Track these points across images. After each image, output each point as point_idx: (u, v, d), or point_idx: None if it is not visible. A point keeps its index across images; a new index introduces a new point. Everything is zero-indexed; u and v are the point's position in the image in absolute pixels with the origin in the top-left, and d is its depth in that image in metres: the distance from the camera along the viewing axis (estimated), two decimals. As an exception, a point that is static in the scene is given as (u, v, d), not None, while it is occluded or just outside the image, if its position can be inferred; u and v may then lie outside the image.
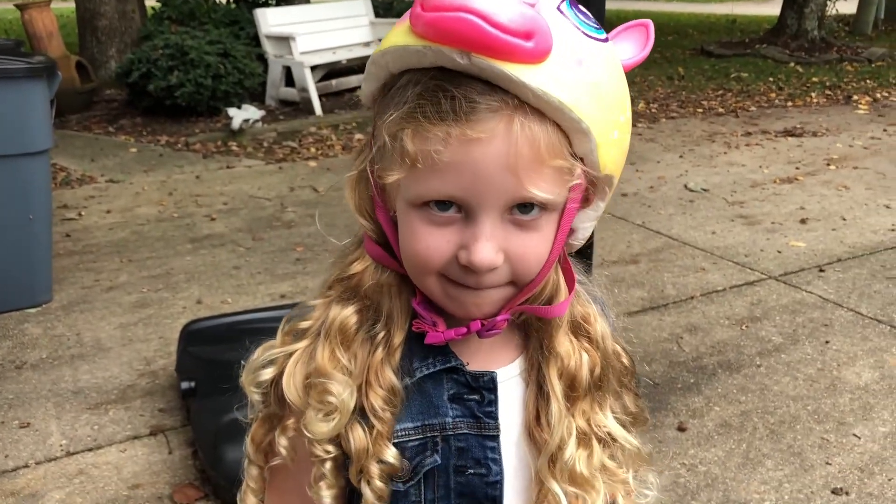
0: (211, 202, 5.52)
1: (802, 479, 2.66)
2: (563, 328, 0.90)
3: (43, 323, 3.75)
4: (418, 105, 0.75)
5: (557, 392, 0.88)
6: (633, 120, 5.33)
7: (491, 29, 0.70)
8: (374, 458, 0.84)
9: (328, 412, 0.83)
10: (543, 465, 0.88)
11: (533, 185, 0.75)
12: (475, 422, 0.88)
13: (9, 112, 3.62)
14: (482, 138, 0.73)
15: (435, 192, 0.76)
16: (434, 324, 0.84)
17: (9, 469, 2.71)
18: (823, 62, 11.42)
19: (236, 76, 7.79)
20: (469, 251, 0.77)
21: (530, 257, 0.80)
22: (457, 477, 0.88)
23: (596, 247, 3.76)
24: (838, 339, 3.59)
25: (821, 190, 5.80)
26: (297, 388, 0.86)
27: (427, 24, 0.72)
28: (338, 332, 0.85)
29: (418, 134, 0.75)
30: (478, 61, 0.72)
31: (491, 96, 0.73)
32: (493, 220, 0.77)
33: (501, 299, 0.83)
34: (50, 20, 8.05)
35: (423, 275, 0.82)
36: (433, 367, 0.87)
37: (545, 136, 0.75)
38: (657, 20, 17.47)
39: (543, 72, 0.73)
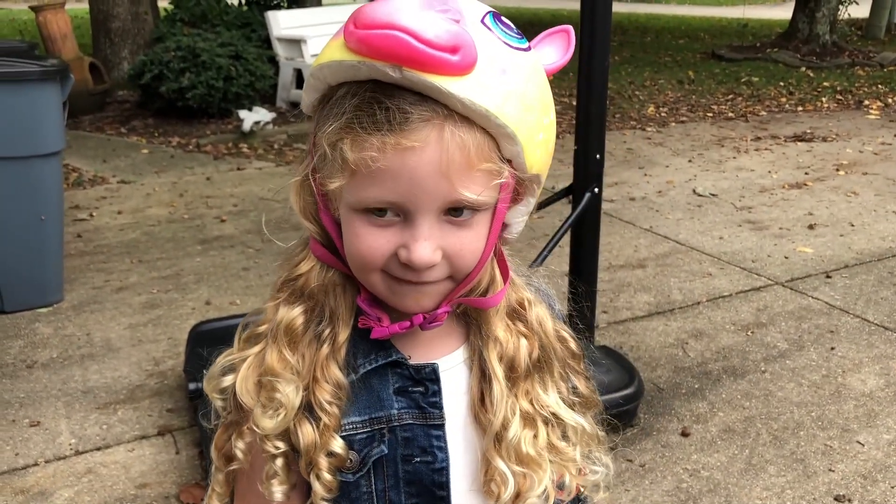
0: (221, 204, 5.57)
1: (805, 486, 2.67)
2: (499, 314, 0.95)
3: (54, 323, 3.80)
4: (355, 116, 0.80)
5: (498, 374, 0.93)
6: (643, 123, 5.37)
7: (419, 45, 0.75)
8: (322, 450, 0.88)
9: (275, 408, 0.88)
10: (490, 445, 0.93)
11: (464, 187, 0.80)
12: (420, 412, 0.93)
13: (22, 114, 3.66)
14: (416, 146, 0.78)
15: (373, 199, 0.81)
16: (379, 319, 0.89)
17: (19, 467, 2.75)
18: (835, 66, 11.39)
19: (247, 78, 7.83)
20: (409, 250, 0.82)
21: (466, 253, 0.85)
22: (404, 466, 0.92)
23: (602, 251, 3.77)
24: (844, 345, 3.59)
25: (829, 196, 5.79)
26: (248, 390, 0.90)
27: (359, 41, 0.77)
28: (285, 333, 0.90)
29: (356, 143, 0.79)
30: (409, 74, 0.77)
31: (423, 107, 0.78)
32: (430, 221, 0.82)
33: (441, 293, 0.88)
34: (64, 22, 8.12)
35: (367, 272, 0.86)
36: (376, 362, 0.92)
37: (474, 142, 0.80)
38: (668, 24, 17.50)
39: (469, 82, 0.78)
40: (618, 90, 9.70)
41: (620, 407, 2.91)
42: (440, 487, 0.93)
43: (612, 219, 5.21)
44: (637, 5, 21.15)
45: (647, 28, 16.85)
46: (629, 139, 7.54)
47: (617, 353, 3.24)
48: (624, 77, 10.65)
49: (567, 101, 8.72)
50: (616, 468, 2.72)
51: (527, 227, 0.96)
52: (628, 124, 8.16)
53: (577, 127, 3.11)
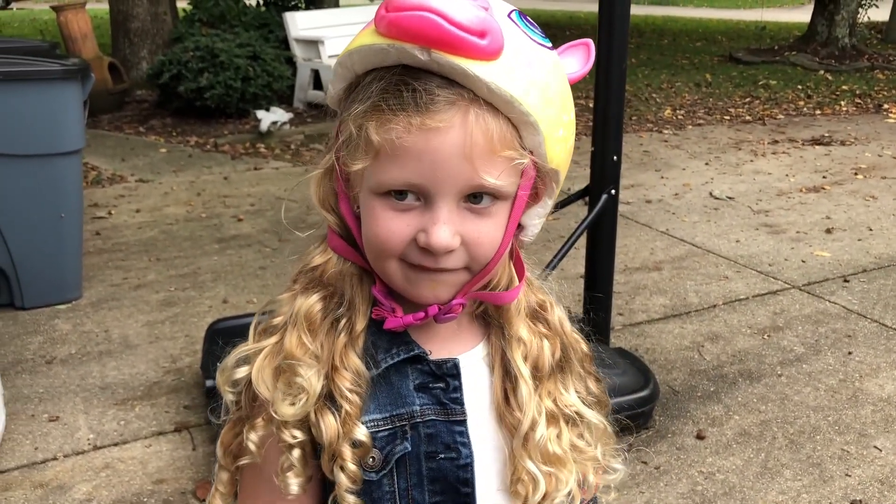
0: (238, 203, 5.60)
1: (821, 490, 2.66)
2: (521, 315, 0.96)
3: (72, 319, 3.83)
4: (382, 98, 0.81)
5: (525, 374, 0.94)
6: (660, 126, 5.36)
7: (449, 26, 0.77)
8: (345, 439, 0.87)
9: (296, 394, 0.87)
10: (518, 446, 0.93)
11: (486, 172, 0.81)
12: (442, 408, 0.92)
13: (43, 113, 3.70)
14: (440, 127, 0.79)
15: (396, 180, 0.82)
16: (393, 310, 0.89)
17: (38, 461, 2.78)
18: (854, 70, 11.32)
19: (265, 79, 7.88)
20: (427, 234, 0.82)
21: (484, 241, 0.85)
22: (428, 463, 0.91)
23: (618, 253, 3.77)
24: (861, 350, 3.57)
25: (847, 200, 5.75)
26: (265, 380, 0.89)
27: (390, 23, 0.79)
28: (304, 320, 0.89)
29: (382, 124, 0.81)
30: (437, 57, 0.78)
31: (449, 89, 0.80)
32: (450, 205, 0.82)
33: (457, 284, 0.88)
34: (85, 22, 8.19)
35: (384, 259, 0.86)
36: (397, 356, 0.91)
37: (497, 128, 0.81)
38: (686, 26, 17.44)
39: (496, 68, 0.80)
40: (635, 92, 9.68)
41: (636, 409, 2.91)
42: (465, 484, 0.92)
43: (628, 221, 5.20)
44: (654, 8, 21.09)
45: (664, 31, 16.79)
46: (646, 142, 7.53)
47: (632, 356, 3.23)
48: (641, 79, 10.63)
49: (584, 102, 8.71)
50: (631, 470, 2.73)
51: (542, 229, 0.97)
52: (645, 127, 8.14)
53: (594, 129, 3.11)
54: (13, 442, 2.87)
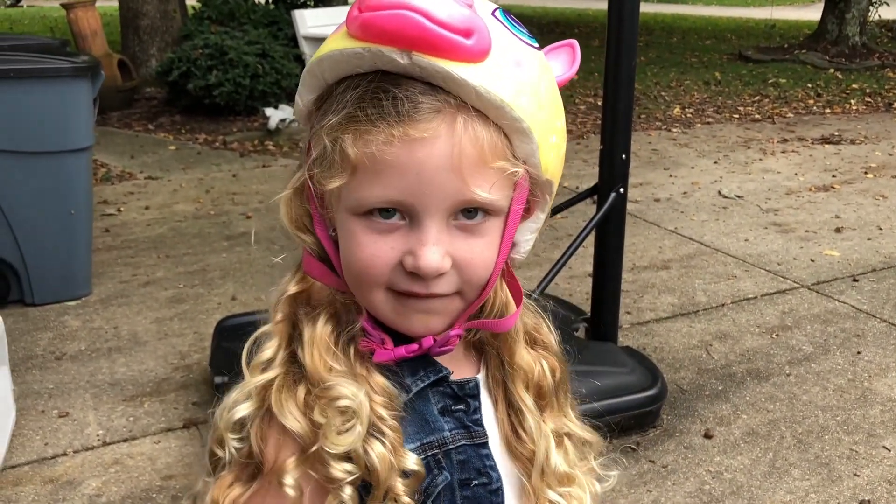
0: (247, 200, 5.61)
1: (829, 490, 2.65)
2: (519, 342, 0.90)
3: (82, 316, 3.85)
4: (359, 108, 0.74)
5: (529, 405, 0.89)
6: (668, 124, 5.36)
7: (432, 25, 0.70)
8: (396, 471, 0.78)
9: (347, 419, 0.76)
10: (537, 478, 0.89)
11: (477, 186, 0.74)
12: (466, 432, 0.85)
13: (54, 110, 3.71)
14: (426, 138, 0.72)
15: (378, 198, 0.74)
16: (382, 341, 0.81)
17: (48, 457, 2.79)
18: (864, 68, 11.27)
19: (274, 76, 7.89)
20: (415, 256, 0.75)
21: (477, 263, 0.78)
22: (462, 491, 0.84)
23: (626, 251, 3.76)
24: (871, 349, 3.56)
25: (857, 199, 5.73)
26: (293, 414, 0.77)
27: (365, 24, 0.71)
28: (320, 345, 0.80)
29: (359, 137, 0.73)
30: (419, 60, 0.71)
31: (433, 95, 0.73)
32: (439, 224, 0.75)
33: (451, 313, 0.81)
34: (94, 19, 8.22)
35: (369, 288, 0.79)
36: (426, 378, 0.84)
37: (488, 136, 0.74)
38: (695, 24, 17.38)
39: (484, 70, 0.73)
40: (643, 91, 9.65)
41: (643, 408, 2.91)
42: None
43: (636, 219, 5.19)
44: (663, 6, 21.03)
45: (673, 28, 16.75)
46: (654, 140, 7.51)
47: (640, 354, 3.23)
48: (650, 78, 10.60)
49: (592, 101, 8.70)
50: (638, 469, 2.73)
51: (550, 227, 0.95)
52: (654, 125, 8.12)
53: (602, 127, 3.11)
54: (23, 437, 2.89)
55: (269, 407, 0.79)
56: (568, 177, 6.04)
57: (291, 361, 0.81)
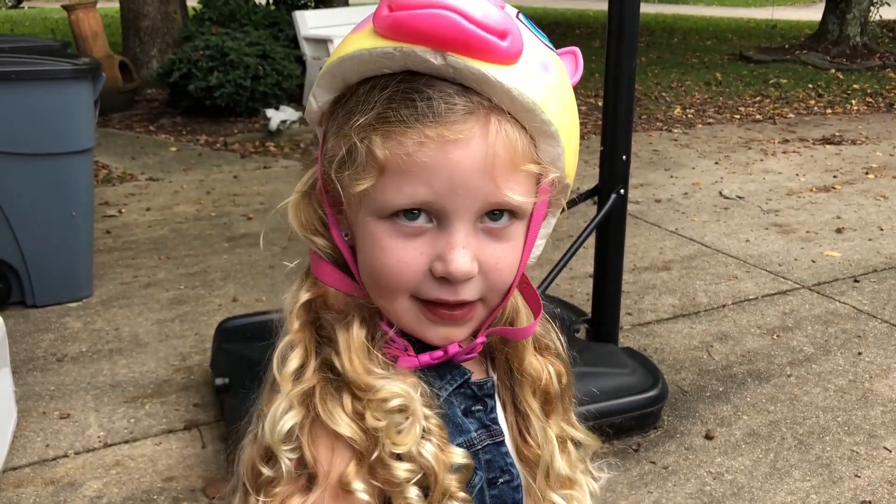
0: (248, 202, 5.61)
1: (830, 491, 2.65)
2: (529, 348, 0.90)
3: (83, 317, 3.85)
4: (390, 108, 0.72)
5: (536, 410, 0.90)
6: (669, 125, 5.37)
7: (469, 25, 0.68)
8: (447, 467, 0.77)
9: (404, 416, 0.75)
10: (541, 481, 0.90)
11: (509, 188, 0.73)
12: (487, 431, 0.86)
13: (55, 112, 3.72)
14: (460, 139, 0.71)
15: (407, 199, 0.73)
16: (405, 349, 0.80)
17: (49, 458, 2.80)
18: (865, 69, 11.27)
19: (275, 77, 7.90)
20: (445, 261, 0.73)
21: (503, 267, 0.77)
22: (490, 490, 0.85)
23: (627, 252, 3.76)
24: (872, 350, 3.55)
25: (858, 199, 5.73)
26: (344, 421, 0.75)
27: (399, 23, 0.70)
28: (359, 350, 0.78)
29: (390, 138, 0.72)
30: (453, 61, 0.70)
31: (466, 97, 0.71)
32: (467, 227, 0.74)
33: (472, 322, 0.80)
34: (95, 21, 8.23)
35: (394, 295, 0.77)
36: (454, 382, 0.84)
37: (519, 139, 0.74)
38: (696, 25, 17.38)
39: (516, 73, 0.72)
40: (644, 91, 9.66)
41: (644, 409, 2.91)
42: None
43: (637, 220, 5.19)
44: (664, 6, 21.03)
45: (674, 29, 16.75)
46: (655, 141, 7.51)
47: (641, 355, 3.23)
48: (651, 78, 10.60)
49: (593, 101, 8.70)
50: (639, 470, 2.73)
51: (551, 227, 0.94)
52: (655, 126, 8.12)
53: (603, 127, 3.11)
54: (25, 439, 2.89)
55: (317, 415, 0.76)
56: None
57: (325, 368, 0.79)
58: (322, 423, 0.76)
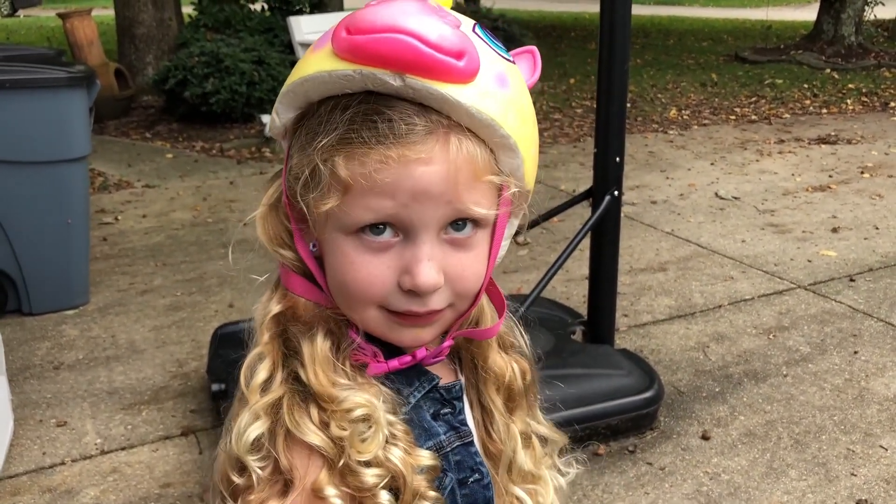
0: (244, 208, 5.61)
1: (827, 490, 2.66)
2: (493, 347, 0.93)
3: (80, 325, 3.85)
4: (351, 129, 0.74)
5: (499, 406, 0.93)
6: (665, 126, 5.41)
7: (426, 48, 0.71)
8: (415, 470, 0.80)
9: (367, 425, 0.78)
10: (503, 475, 0.93)
11: (472, 200, 0.76)
12: (456, 433, 0.88)
13: (50, 120, 3.72)
14: (421, 158, 0.73)
15: (372, 215, 0.75)
16: (375, 354, 0.83)
17: (46, 466, 2.80)
18: (860, 68, 11.28)
19: (270, 83, 7.90)
20: (412, 274, 0.76)
21: (469, 276, 0.80)
22: (461, 490, 0.88)
23: (623, 254, 3.77)
24: (867, 349, 3.56)
25: (854, 199, 5.74)
26: (312, 431, 0.77)
27: (357, 47, 0.72)
28: (323, 362, 0.80)
29: (353, 158, 0.74)
30: (412, 82, 0.72)
31: (425, 117, 0.74)
32: (432, 240, 0.77)
33: (441, 325, 0.83)
34: (91, 29, 8.24)
35: (362, 307, 0.79)
36: (422, 389, 0.86)
37: (479, 154, 0.76)
38: (692, 26, 17.41)
39: (473, 90, 0.74)
40: (640, 93, 9.67)
41: (640, 410, 2.92)
42: (489, 503, 0.91)
43: (633, 222, 5.20)
44: (659, 7, 21.06)
45: (669, 30, 16.78)
46: (651, 142, 7.52)
47: (637, 357, 3.24)
48: (646, 80, 10.62)
49: (589, 104, 8.71)
50: (636, 471, 2.73)
51: (546, 231, 0.96)
52: (650, 127, 8.13)
53: (596, 130, 3.12)
54: (21, 447, 2.89)
55: (285, 425, 0.78)
56: (565, 180, 6.06)
57: (292, 380, 0.80)
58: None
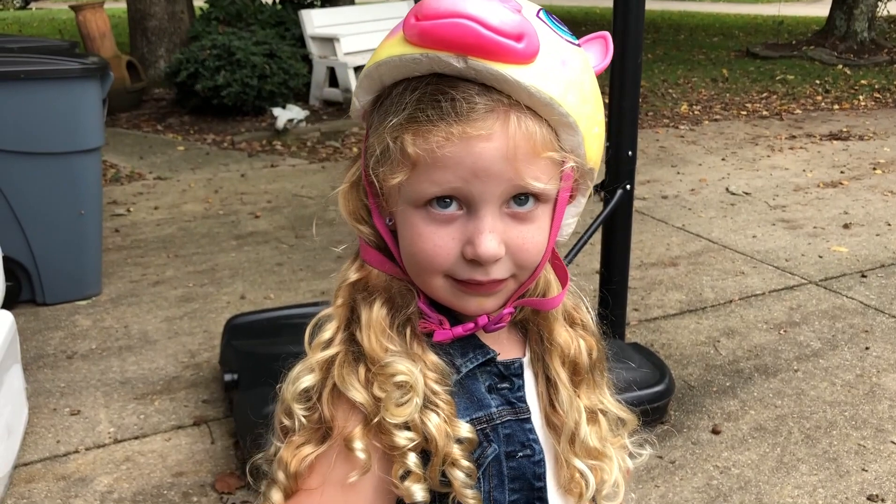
0: (255, 200, 5.64)
1: (837, 485, 2.66)
2: (559, 320, 0.96)
3: (92, 315, 3.88)
4: (418, 109, 0.80)
5: (563, 379, 0.95)
6: (676, 121, 5.39)
7: (486, 32, 0.75)
8: (452, 439, 0.84)
9: (403, 392, 0.83)
10: (565, 447, 0.95)
11: (531, 175, 0.81)
12: (511, 408, 0.92)
13: (63, 111, 3.74)
14: (482, 135, 0.78)
15: (437, 188, 0.81)
16: (440, 322, 0.88)
17: (60, 454, 2.82)
18: (873, 64, 11.22)
19: (281, 76, 7.91)
20: (474, 245, 0.81)
21: (530, 247, 0.85)
22: (508, 462, 0.91)
23: (634, 248, 3.77)
24: (879, 345, 3.55)
25: (865, 195, 5.72)
26: (356, 388, 0.84)
27: (423, 32, 0.77)
28: (376, 327, 0.86)
29: (419, 135, 0.80)
30: (474, 64, 0.77)
31: (487, 96, 0.79)
32: (493, 212, 0.81)
33: (504, 294, 0.87)
34: (103, 21, 8.27)
35: (430, 275, 0.85)
36: (476, 360, 0.90)
37: (538, 131, 0.81)
38: (703, 21, 17.34)
39: (533, 71, 0.78)
40: (651, 88, 9.65)
41: (651, 404, 2.92)
42: (539, 479, 0.93)
43: (644, 217, 5.19)
44: (671, 3, 20.96)
45: (680, 26, 16.71)
46: (662, 137, 7.51)
47: (648, 351, 3.24)
48: (657, 75, 10.59)
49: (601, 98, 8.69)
50: (646, 464, 2.73)
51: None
52: (661, 122, 8.12)
53: (608, 124, 3.12)
54: (36, 435, 2.92)
55: (333, 381, 0.86)
56: (575, 174, 6.04)
57: (350, 341, 0.88)
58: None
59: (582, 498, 0.95)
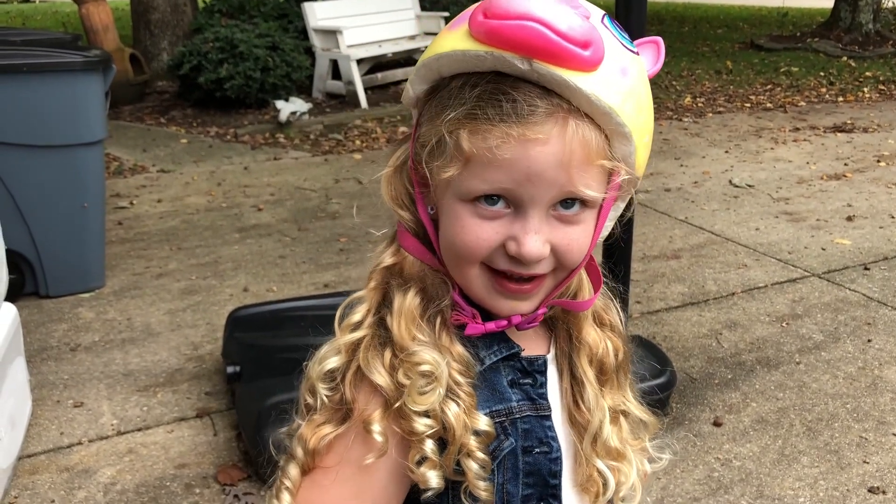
0: (258, 193, 5.64)
1: (839, 477, 2.66)
2: (588, 320, 0.97)
3: (96, 307, 3.89)
4: (478, 106, 0.79)
5: (590, 377, 0.96)
6: (679, 114, 5.40)
7: (554, 37, 0.75)
8: (469, 430, 0.85)
9: (427, 381, 0.84)
10: (587, 445, 0.96)
11: (582, 182, 0.81)
12: (532, 404, 0.93)
13: (66, 103, 3.75)
14: (539, 139, 0.78)
15: (488, 186, 0.81)
16: (473, 316, 0.89)
17: (64, 446, 2.83)
18: (877, 56, 11.19)
19: (284, 69, 7.91)
20: (519, 243, 0.82)
21: (574, 248, 0.85)
22: (524, 457, 0.92)
23: (637, 241, 3.77)
24: (881, 338, 3.55)
25: (869, 187, 5.71)
26: (380, 371, 0.85)
27: (491, 31, 0.77)
28: (407, 315, 0.87)
29: (476, 133, 0.79)
30: (538, 67, 0.77)
31: (548, 100, 0.79)
32: (540, 215, 0.82)
33: (539, 295, 0.88)
34: (106, 14, 8.26)
35: (467, 265, 0.86)
36: (499, 353, 0.91)
37: (594, 139, 0.81)
38: (707, 13, 17.28)
39: (595, 79, 0.79)
40: (654, 80, 9.55)
41: (652, 396, 2.91)
42: (554, 476, 0.94)
43: (647, 209, 5.19)
44: (675, -5, 20.89)
45: (684, 18, 16.66)
46: (666, 130, 7.49)
47: (650, 343, 3.24)
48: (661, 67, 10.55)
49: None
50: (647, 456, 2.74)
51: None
52: (665, 115, 8.10)
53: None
54: (39, 427, 2.93)
55: (358, 363, 0.87)
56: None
57: (379, 325, 0.88)
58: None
59: (598, 497, 0.96)
